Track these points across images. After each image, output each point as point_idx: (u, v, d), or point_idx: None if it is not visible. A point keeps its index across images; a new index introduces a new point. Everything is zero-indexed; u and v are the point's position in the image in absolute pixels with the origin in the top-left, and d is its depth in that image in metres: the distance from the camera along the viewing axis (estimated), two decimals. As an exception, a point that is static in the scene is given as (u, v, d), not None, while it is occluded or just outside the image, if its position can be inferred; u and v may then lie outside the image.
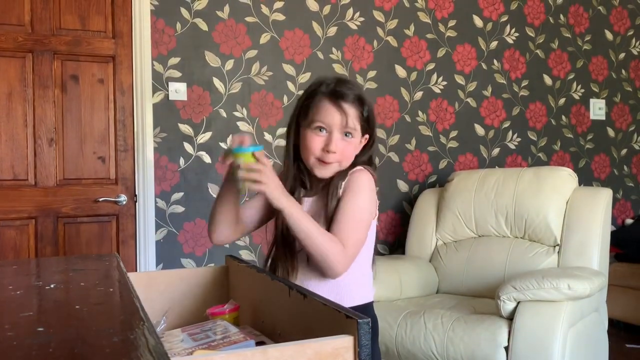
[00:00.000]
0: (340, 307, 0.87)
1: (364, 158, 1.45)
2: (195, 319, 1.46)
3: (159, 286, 1.47)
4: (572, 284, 2.24)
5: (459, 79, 3.61)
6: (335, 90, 1.37)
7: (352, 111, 1.37)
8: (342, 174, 1.39)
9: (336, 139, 1.36)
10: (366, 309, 1.38)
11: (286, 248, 1.39)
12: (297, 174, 1.44)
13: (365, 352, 0.79)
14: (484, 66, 3.68)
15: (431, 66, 3.53)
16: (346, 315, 0.83)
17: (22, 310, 0.92)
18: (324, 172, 1.39)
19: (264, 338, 1.12)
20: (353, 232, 1.32)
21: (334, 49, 3.28)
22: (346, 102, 1.36)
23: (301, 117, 1.41)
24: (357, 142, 1.41)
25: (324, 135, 1.37)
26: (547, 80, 3.87)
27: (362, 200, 1.35)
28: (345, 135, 1.37)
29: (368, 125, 1.41)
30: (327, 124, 1.36)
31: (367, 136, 1.43)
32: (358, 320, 0.80)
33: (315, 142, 1.37)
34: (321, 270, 1.30)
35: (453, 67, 3.59)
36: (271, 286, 1.17)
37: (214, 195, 2.98)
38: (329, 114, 1.36)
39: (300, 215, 1.25)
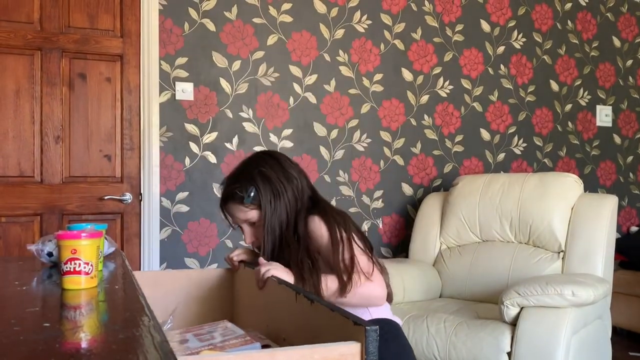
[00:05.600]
0: (348, 313, 0.86)
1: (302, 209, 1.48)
2: (200, 319, 1.46)
3: (164, 286, 1.47)
4: (576, 291, 2.23)
5: (466, 83, 3.61)
6: (220, 197, 1.55)
7: (233, 208, 1.49)
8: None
9: (245, 232, 1.52)
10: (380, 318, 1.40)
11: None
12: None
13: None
14: (491, 71, 3.67)
15: (438, 70, 3.53)
16: (354, 322, 0.82)
17: (28, 306, 0.92)
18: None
19: (269, 342, 1.12)
20: (359, 263, 1.36)
21: (340, 51, 3.28)
22: (225, 205, 1.51)
23: None
24: (260, 217, 1.47)
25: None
26: (554, 86, 3.86)
27: (333, 237, 1.39)
28: (252, 224, 1.50)
29: (259, 199, 1.46)
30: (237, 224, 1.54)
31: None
32: (366, 327, 0.79)
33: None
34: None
35: (460, 72, 3.59)
36: (277, 290, 1.17)
37: (219, 195, 2.98)
38: (228, 218, 1.55)
39: (328, 292, 1.31)
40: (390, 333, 1.39)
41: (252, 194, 1.44)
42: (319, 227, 1.40)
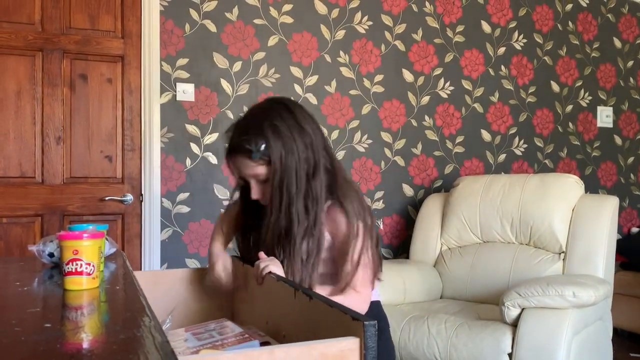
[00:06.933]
0: (347, 309, 0.87)
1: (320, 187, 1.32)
2: (199, 318, 1.46)
3: (164, 285, 1.47)
4: (577, 292, 2.23)
5: (466, 84, 3.61)
6: (226, 147, 1.39)
7: (240, 162, 1.34)
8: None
9: (253, 187, 1.35)
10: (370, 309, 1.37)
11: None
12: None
13: (371, 355, 0.78)
14: (492, 72, 3.68)
15: (438, 71, 3.53)
16: (352, 317, 0.83)
17: (29, 307, 0.92)
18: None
19: (269, 338, 1.12)
20: (360, 273, 1.28)
21: (341, 52, 3.28)
22: (231, 157, 1.36)
23: None
24: (269, 173, 1.33)
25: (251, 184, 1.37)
26: (555, 87, 3.86)
27: (358, 241, 1.29)
28: (261, 181, 1.34)
29: (269, 154, 1.30)
30: (243, 178, 1.38)
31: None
32: (364, 323, 0.79)
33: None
34: None
35: (460, 73, 3.59)
36: (276, 287, 1.17)
37: (220, 196, 2.99)
38: (234, 171, 1.39)
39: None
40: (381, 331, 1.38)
41: (261, 148, 1.29)
42: (339, 222, 1.30)
